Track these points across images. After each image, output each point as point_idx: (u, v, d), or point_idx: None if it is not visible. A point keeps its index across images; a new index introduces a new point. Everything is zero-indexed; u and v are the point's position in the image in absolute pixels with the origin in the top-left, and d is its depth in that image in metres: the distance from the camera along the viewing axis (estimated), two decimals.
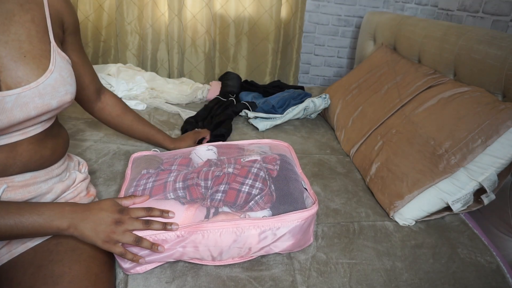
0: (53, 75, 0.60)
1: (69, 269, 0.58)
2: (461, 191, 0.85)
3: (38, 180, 0.65)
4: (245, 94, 1.57)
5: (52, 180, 0.68)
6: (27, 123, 0.59)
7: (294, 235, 0.69)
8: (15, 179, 0.61)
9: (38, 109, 0.58)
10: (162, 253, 0.63)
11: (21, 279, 0.57)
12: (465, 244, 0.83)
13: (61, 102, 0.62)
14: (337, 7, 2.12)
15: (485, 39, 0.99)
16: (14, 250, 0.62)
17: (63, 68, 0.62)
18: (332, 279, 0.71)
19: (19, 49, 0.57)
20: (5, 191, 0.60)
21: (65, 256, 0.60)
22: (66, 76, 0.62)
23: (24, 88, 0.55)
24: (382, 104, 1.18)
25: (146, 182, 0.73)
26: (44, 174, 0.66)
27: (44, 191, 0.66)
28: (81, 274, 0.58)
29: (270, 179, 0.74)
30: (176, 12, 1.86)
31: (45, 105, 0.58)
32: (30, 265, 0.59)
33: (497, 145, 0.80)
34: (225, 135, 1.21)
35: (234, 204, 0.69)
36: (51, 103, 0.59)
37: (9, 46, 0.56)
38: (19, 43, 0.57)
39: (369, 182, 1.02)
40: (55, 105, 0.60)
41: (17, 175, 0.61)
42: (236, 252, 0.68)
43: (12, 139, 0.58)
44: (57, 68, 0.60)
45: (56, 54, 0.62)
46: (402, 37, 1.43)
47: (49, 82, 0.59)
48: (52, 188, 0.67)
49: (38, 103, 0.57)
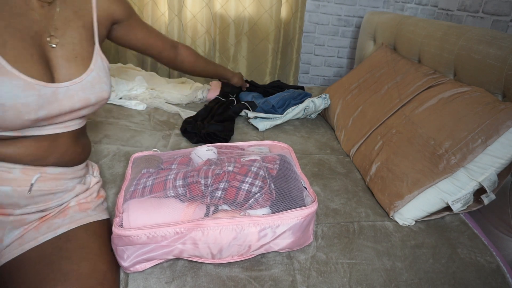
0: (93, 73, 0.68)
1: (77, 266, 0.61)
2: (461, 191, 0.85)
3: (65, 176, 0.71)
4: (245, 94, 1.57)
5: (75, 180, 0.74)
6: (71, 115, 0.67)
7: (294, 233, 0.69)
8: (47, 170, 0.67)
9: (81, 102, 0.66)
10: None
11: (30, 274, 0.59)
12: (465, 244, 0.83)
13: (98, 98, 0.70)
14: (337, 7, 2.12)
15: (485, 39, 0.99)
16: (26, 245, 0.64)
17: (101, 69, 0.71)
18: (332, 279, 0.71)
19: (72, 51, 0.66)
20: (37, 180, 0.65)
21: (74, 254, 0.63)
22: (102, 75, 0.71)
23: (72, 82, 0.64)
24: (382, 104, 1.18)
25: (146, 180, 0.73)
26: (71, 173, 0.73)
27: (69, 188, 0.72)
28: (88, 271, 0.61)
29: (269, 178, 0.74)
30: (176, 12, 1.86)
31: (86, 99, 0.67)
32: (40, 261, 0.61)
33: (497, 145, 0.80)
34: (217, 133, 1.20)
35: (234, 202, 0.69)
36: (90, 97, 0.68)
37: (65, 48, 0.65)
38: (73, 45, 0.66)
39: (369, 182, 1.02)
40: (93, 100, 0.69)
41: (50, 167, 0.68)
42: (235, 250, 0.68)
43: (57, 130, 0.67)
44: (96, 68, 0.69)
45: (98, 56, 0.71)
46: (402, 37, 1.43)
47: (88, 79, 0.67)
48: (74, 188, 0.74)
49: (81, 96, 0.66)
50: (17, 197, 0.63)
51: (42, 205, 0.68)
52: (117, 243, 0.65)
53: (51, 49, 0.63)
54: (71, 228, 0.68)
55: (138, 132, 1.22)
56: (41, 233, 0.66)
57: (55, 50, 0.64)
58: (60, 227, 0.67)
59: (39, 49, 0.61)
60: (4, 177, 0.62)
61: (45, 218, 0.69)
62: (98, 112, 1.34)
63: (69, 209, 0.71)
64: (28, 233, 0.66)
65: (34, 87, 0.58)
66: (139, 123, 1.29)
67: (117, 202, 0.70)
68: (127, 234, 0.63)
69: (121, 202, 0.69)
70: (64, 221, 0.69)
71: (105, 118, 1.29)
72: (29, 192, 0.64)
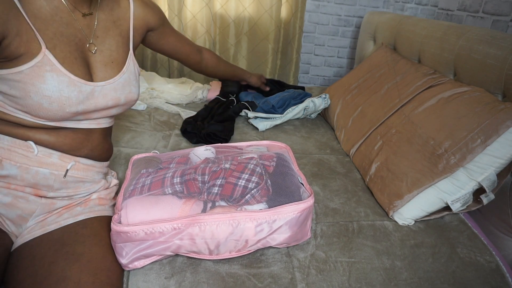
0: (124, 75, 0.77)
1: (89, 250, 0.66)
2: (460, 191, 0.85)
3: (94, 169, 0.80)
4: (245, 94, 1.57)
5: (100, 174, 0.83)
6: (104, 113, 0.76)
7: (291, 227, 0.69)
8: (80, 160, 0.76)
9: (113, 100, 0.75)
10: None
11: (45, 254, 0.65)
12: (464, 243, 0.83)
13: (127, 99, 0.79)
14: (337, 7, 2.12)
15: (485, 39, 0.99)
16: (48, 227, 0.70)
17: (132, 72, 0.79)
18: (331, 277, 0.71)
19: (109, 57, 0.76)
20: (72, 167, 0.74)
21: (88, 239, 0.68)
22: (132, 79, 0.79)
23: (106, 82, 0.73)
24: (382, 104, 1.19)
25: (145, 180, 0.73)
26: (99, 166, 0.81)
27: (96, 180, 0.80)
28: (99, 256, 0.66)
29: (266, 174, 0.74)
30: (176, 12, 1.86)
31: (117, 98, 0.76)
32: (56, 242, 0.67)
33: (496, 145, 0.80)
34: (217, 133, 1.20)
35: (230, 197, 0.69)
36: (120, 97, 0.77)
37: (103, 54, 0.75)
38: (110, 52, 0.76)
39: (369, 182, 1.02)
40: (123, 100, 0.78)
41: (83, 158, 0.76)
42: (233, 245, 0.68)
43: (91, 125, 0.76)
44: (127, 71, 0.78)
45: (131, 60, 0.80)
46: (402, 37, 1.43)
47: (120, 80, 0.76)
48: (100, 181, 0.81)
49: (113, 95, 0.75)
50: (53, 179, 0.72)
51: (71, 191, 0.75)
52: (116, 239, 0.65)
53: (91, 54, 0.73)
54: (89, 217, 0.74)
55: (138, 133, 1.22)
56: (63, 218, 0.72)
57: (94, 56, 0.73)
58: (80, 214, 0.74)
59: (81, 53, 0.71)
60: (44, 161, 0.70)
61: (69, 206, 0.76)
62: None
63: (90, 201, 0.78)
64: (51, 217, 0.73)
65: (76, 84, 0.67)
66: (139, 124, 1.29)
67: (117, 201, 0.71)
68: (125, 230, 0.63)
69: (120, 201, 0.70)
70: (84, 209, 0.75)
71: None
72: (64, 177, 0.73)
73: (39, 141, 0.70)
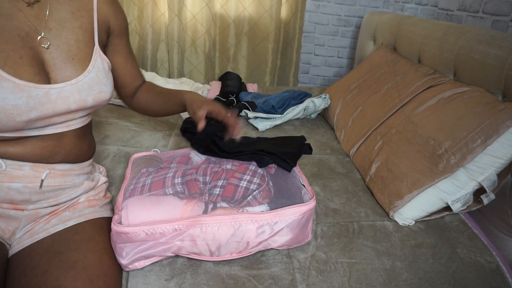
0: (90, 74, 0.67)
1: (83, 257, 0.63)
2: (460, 191, 0.85)
3: (73, 172, 0.73)
4: (245, 94, 1.57)
5: (83, 176, 0.76)
6: (70, 116, 0.67)
7: (292, 229, 0.69)
8: (56, 167, 0.69)
9: (76, 103, 0.66)
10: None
11: (38, 263, 0.61)
12: (464, 244, 0.83)
13: (96, 100, 0.69)
14: (337, 7, 2.12)
15: (485, 39, 0.99)
16: (36, 236, 0.66)
17: (100, 70, 0.70)
18: (332, 278, 0.71)
19: (68, 52, 0.65)
20: (47, 177, 0.67)
21: (81, 245, 0.65)
22: (102, 77, 0.70)
23: (66, 84, 0.64)
24: (382, 104, 1.18)
25: (145, 179, 0.73)
26: (78, 168, 0.74)
27: (77, 184, 0.74)
28: (94, 262, 0.63)
29: (268, 176, 0.74)
30: (176, 12, 1.86)
31: (82, 100, 0.66)
32: (48, 251, 0.63)
33: (496, 145, 0.80)
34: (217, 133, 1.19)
35: (232, 199, 0.69)
36: (87, 99, 0.67)
37: (60, 49, 0.65)
38: (68, 46, 0.66)
39: (369, 182, 1.02)
40: (90, 101, 0.68)
41: (58, 164, 0.69)
42: (234, 247, 0.68)
43: (59, 130, 0.67)
44: (95, 69, 0.68)
45: (98, 56, 0.70)
46: (402, 37, 1.43)
47: (86, 80, 0.66)
48: (82, 183, 0.75)
49: (76, 97, 0.65)
50: (29, 193, 0.66)
51: (53, 200, 0.70)
52: (116, 240, 0.65)
53: (45, 50, 0.63)
54: (80, 221, 0.70)
55: (138, 133, 1.22)
56: (51, 225, 0.68)
57: (50, 51, 0.63)
58: (69, 220, 0.69)
59: (30, 50, 0.61)
60: (15, 175, 0.64)
61: (55, 212, 0.71)
62: (98, 112, 1.34)
63: (78, 204, 0.73)
64: (39, 224, 0.68)
65: (24, 89, 0.58)
66: (139, 123, 1.29)
67: (117, 200, 0.71)
68: (126, 231, 0.63)
69: (121, 200, 0.69)
70: (73, 214, 0.71)
71: (105, 118, 1.29)
72: (40, 188, 0.66)
73: (5, 155, 0.63)
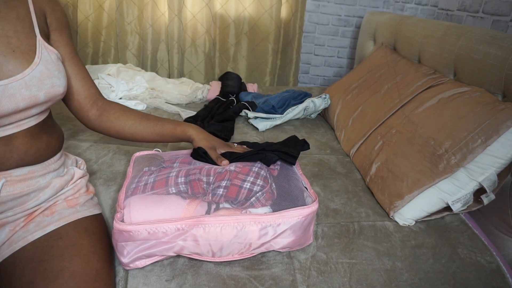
0: (39, 67, 0.61)
1: (69, 264, 0.59)
2: (461, 191, 0.85)
3: (35, 174, 0.65)
4: (245, 94, 1.57)
5: (49, 174, 0.69)
6: (19, 116, 0.60)
7: (295, 232, 0.69)
8: (13, 173, 0.62)
9: (26, 101, 0.59)
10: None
11: (22, 274, 0.58)
12: (465, 244, 0.83)
13: (49, 95, 0.62)
14: (337, 7, 2.12)
15: (485, 39, 0.99)
16: (15, 245, 0.62)
17: (49, 62, 0.63)
18: (332, 279, 0.71)
19: (8, 44, 0.59)
20: (4, 186, 0.61)
21: (65, 251, 0.61)
22: (53, 69, 0.63)
23: (10, 80, 0.57)
24: (382, 104, 1.18)
25: (148, 178, 0.73)
26: (41, 169, 0.67)
27: (43, 185, 0.67)
28: (81, 268, 0.59)
29: (271, 178, 0.74)
30: (176, 12, 1.86)
31: (32, 97, 0.59)
32: (31, 260, 0.59)
33: (497, 145, 0.80)
34: (217, 133, 1.19)
35: (235, 200, 0.69)
36: (38, 95, 0.60)
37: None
38: (7, 38, 0.59)
39: (369, 182, 1.02)
40: (42, 97, 0.61)
41: (14, 169, 0.62)
42: (236, 248, 0.68)
43: (7, 132, 0.60)
44: (42, 61, 0.62)
45: (43, 48, 0.63)
46: (402, 37, 1.43)
47: (34, 74, 0.60)
48: (50, 183, 0.68)
49: (25, 94, 0.58)
50: None
51: (18, 208, 0.64)
52: (118, 238, 0.64)
53: None
54: (60, 225, 0.65)
55: None
56: (30, 232, 0.63)
57: None
58: (48, 225, 0.65)
59: None
60: None
61: (31, 216, 0.66)
62: None
63: (56, 206, 0.68)
64: (17, 233, 0.64)
65: None
66: None
67: (118, 198, 0.70)
68: (128, 229, 0.63)
69: (123, 198, 0.69)
70: (52, 218, 0.66)
71: None
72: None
73: None
